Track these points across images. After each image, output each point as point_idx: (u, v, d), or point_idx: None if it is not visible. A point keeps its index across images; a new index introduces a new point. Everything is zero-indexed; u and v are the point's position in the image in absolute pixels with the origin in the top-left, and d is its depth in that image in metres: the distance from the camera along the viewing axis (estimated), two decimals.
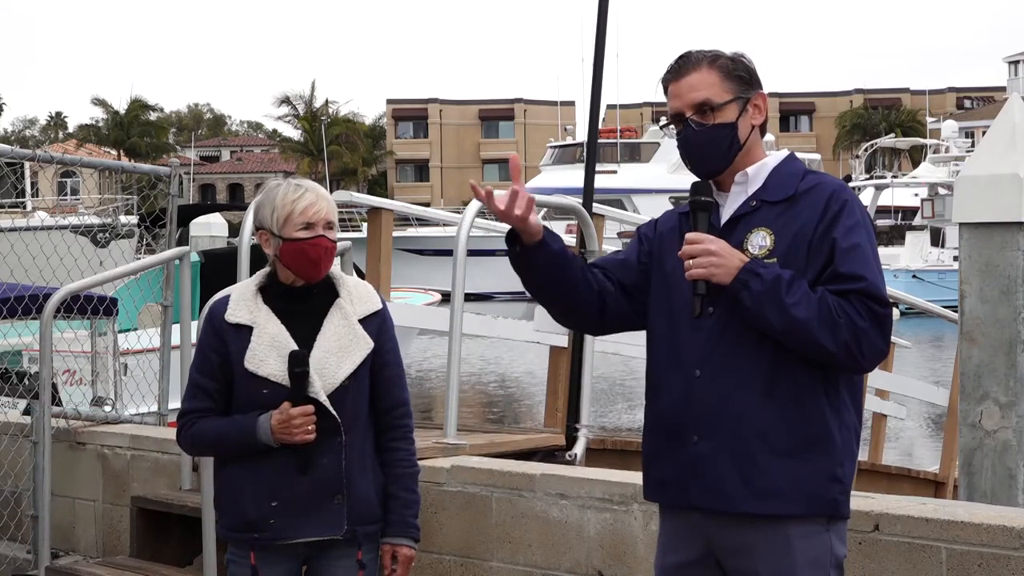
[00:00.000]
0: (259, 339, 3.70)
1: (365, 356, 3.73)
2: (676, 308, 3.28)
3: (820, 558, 3.19)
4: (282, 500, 3.69)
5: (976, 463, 6.72)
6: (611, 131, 64.26)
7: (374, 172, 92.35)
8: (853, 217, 3.19)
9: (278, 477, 3.69)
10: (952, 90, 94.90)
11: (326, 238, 3.71)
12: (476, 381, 23.91)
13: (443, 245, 42.39)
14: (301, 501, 3.69)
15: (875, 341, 3.12)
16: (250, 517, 3.71)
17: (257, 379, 3.69)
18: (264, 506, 3.69)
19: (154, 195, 11.43)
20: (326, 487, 3.70)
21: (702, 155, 3.28)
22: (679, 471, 3.24)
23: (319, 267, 3.73)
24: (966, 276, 6.73)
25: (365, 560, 3.76)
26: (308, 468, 3.69)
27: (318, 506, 3.70)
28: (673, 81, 3.28)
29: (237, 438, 3.70)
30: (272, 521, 3.70)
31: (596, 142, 7.34)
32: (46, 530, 6.61)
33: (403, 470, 3.81)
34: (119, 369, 8.14)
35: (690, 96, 3.25)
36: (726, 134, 3.25)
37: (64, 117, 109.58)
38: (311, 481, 3.69)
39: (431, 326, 8.18)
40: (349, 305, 3.76)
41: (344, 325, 3.74)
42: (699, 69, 3.26)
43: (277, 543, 3.71)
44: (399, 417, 3.82)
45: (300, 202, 3.69)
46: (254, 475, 3.72)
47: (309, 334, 3.73)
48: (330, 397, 3.69)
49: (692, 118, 3.25)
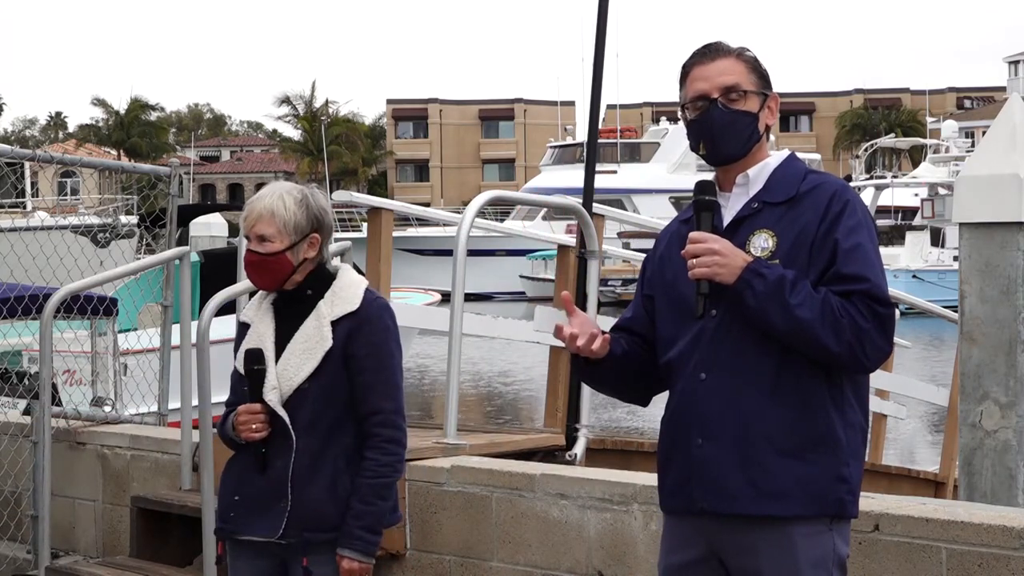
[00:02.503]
0: (249, 337, 3.82)
1: (323, 357, 3.71)
2: (680, 312, 3.28)
3: (823, 558, 3.19)
4: (243, 496, 3.79)
5: (976, 463, 6.71)
6: (611, 131, 64.31)
7: (374, 172, 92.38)
8: (855, 217, 3.18)
9: (243, 473, 3.80)
10: (952, 90, 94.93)
11: (251, 251, 3.77)
12: (476, 381, 23.91)
13: (443, 245, 42.43)
14: (256, 499, 3.77)
15: (878, 341, 3.12)
16: (221, 508, 3.86)
17: (239, 375, 3.82)
18: (231, 499, 3.82)
19: (154, 195, 11.44)
20: (276, 489, 3.74)
21: (724, 137, 3.28)
22: (684, 474, 3.25)
23: (257, 275, 3.81)
24: (966, 276, 6.72)
25: (312, 568, 3.73)
26: (265, 468, 3.75)
27: (268, 507, 3.75)
28: (700, 64, 3.30)
29: (221, 432, 3.86)
30: (233, 515, 3.81)
31: (596, 142, 7.33)
32: (46, 530, 6.61)
33: (364, 480, 3.73)
34: (119, 369, 8.13)
35: (720, 79, 3.27)
36: (749, 122, 3.28)
37: (64, 117, 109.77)
38: (266, 481, 3.75)
39: (431, 326, 8.17)
40: (327, 307, 3.77)
41: (315, 327, 3.75)
42: (729, 58, 3.30)
43: (235, 537, 3.81)
44: (373, 425, 3.76)
45: (248, 214, 3.78)
46: (229, 469, 3.87)
47: (289, 336, 3.77)
48: (290, 399, 3.71)
49: (720, 99, 3.26)
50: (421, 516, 5.63)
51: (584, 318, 3.29)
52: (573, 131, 72.93)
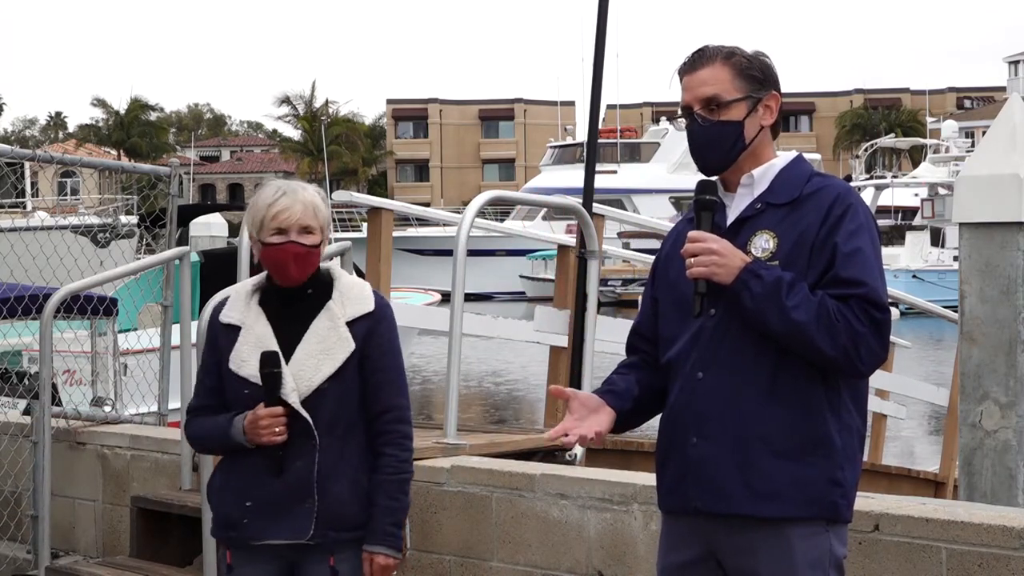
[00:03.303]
0: (244, 339, 3.73)
1: (346, 358, 3.71)
2: (681, 312, 3.28)
3: (820, 559, 3.19)
4: (255, 500, 3.71)
5: (976, 463, 6.72)
6: (611, 131, 64.34)
7: (374, 172, 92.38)
8: (856, 221, 3.18)
9: (252, 477, 3.72)
10: (952, 90, 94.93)
11: (296, 243, 3.69)
12: (476, 381, 23.91)
13: (443, 245, 42.43)
14: (273, 503, 3.70)
15: (873, 346, 3.11)
16: (228, 516, 3.76)
17: (240, 379, 3.72)
18: (240, 505, 3.73)
19: (154, 195, 11.44)
20: (298, 491, 3.70)
21: (705, 150, 3.28)
22: (680, 473, 3.25)
23: (289, 272, 3.72)
24: (966, 276, 6.73)
25: (338, 567, 3.74)
26: (282, 471, 3.70)
27: (289, 509, 3.70)
28: (687, 74, 3.29)
29: (219, 437, 3.76)
30: (246, 521, 3.73)
31: (596, 142, 7.33)
32: (46, 530, 6.61)
33: (386, 476, 3.76)
34: (119, 369, 8.13)
35: (699, 91, 3.26)
36: (730, 132, 3.25)
37: (64, 117, 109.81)
38: (284, 484, 3.70)
39: (431, 326, 8.17)
40: (339, 307, 3.75)
41: (329, 327, 3.73)
42: (712, 64, 3.26)
43: (251, 543, 3.74)
44: (388, 422, 3.78)
45: (273, 207, 3.69)
46: (232, 474, 3.77)
47: (295, 336, 3.73)
48: (307, 400, 3.69)
49: (698, 113, 3.26)
50: (421, 516, 5.62)
51: (581, 403, 3.33)
52: (573, 131, 72.94)
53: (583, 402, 3.32)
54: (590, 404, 3.32)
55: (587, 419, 3.30)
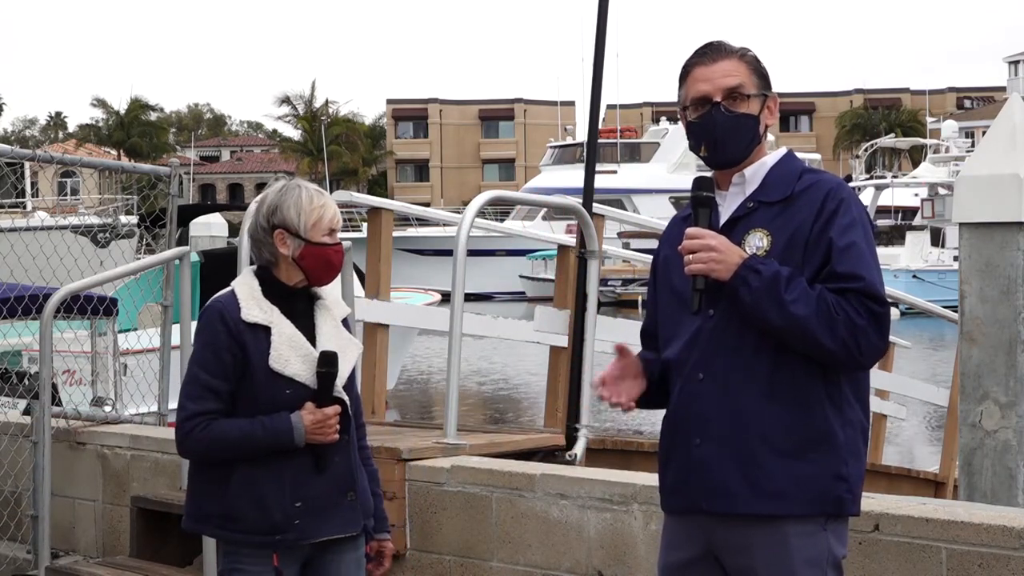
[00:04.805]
0: (279, 339, 3.73)
1: (358, 356, 3.90)
2: (680, 310, 3.28)
3: (818, 557, 3.19)
4: (305, 500, 3.73)
5: (976, 463, 6.71)
6: (611, 131, 64.30)
7: (374, 172, 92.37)
8: (849, 215, 3.18)
9: (298, 477, 3.73)
10: (952, 90, 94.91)
11: (340, 243, 3.86)
12: (476, 381, 23.90)
13: (443, 245, 42.42)
14: (320, 500, 3.75)
15: (873, 338, 3.12)
16: (275, 519, 3.70)
17: (281, 379, 3.70)
18: (289, 507, 3.71)
19: (154, 195, 11.44)
20: (340, 485, 3.78)
21: (726, 140, 3.26)
22: (683, 474, 3.25)
23: (333, 271, 3.85)
24: (966, 276, 6.73)
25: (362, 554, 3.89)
26: (325, 467, 3.76)
27: (334, 504, 3.77)
28: (702, 65, 3.28)
29: (266, 439, 3.67)
30: (297, 522, 3.72)
31: (596, 142, 7.33)
32: (46, 530, 6.61)
33: (371, 469, 3.98)
34: (119, 369, 8.13)
35: (724, 81, 3.25)
36: (751, 124, 3.27)
37: (64, 117, 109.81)
38: (326, 480, 3.76)
39: (431, 326, 8.18)
40: (334, 307, 3.89)
41: (334, 326, 3.85)
42: (731, 58, 3.28)
43: (301, 543, 3.74)
44: (359, 415, 3.95)
45: (327, 209, 3.80)
46: (277, 477, 3.71)
47: (308, 334, 3.79)
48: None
49: (723, 103, 3.25)
50: (421, 516, 5.62)
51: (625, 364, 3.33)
52: (573, 131, 72.92)
53: (631, 363, 3.33)
54: (633, 370, 3.34)
55: (624, 383, 3.32)
